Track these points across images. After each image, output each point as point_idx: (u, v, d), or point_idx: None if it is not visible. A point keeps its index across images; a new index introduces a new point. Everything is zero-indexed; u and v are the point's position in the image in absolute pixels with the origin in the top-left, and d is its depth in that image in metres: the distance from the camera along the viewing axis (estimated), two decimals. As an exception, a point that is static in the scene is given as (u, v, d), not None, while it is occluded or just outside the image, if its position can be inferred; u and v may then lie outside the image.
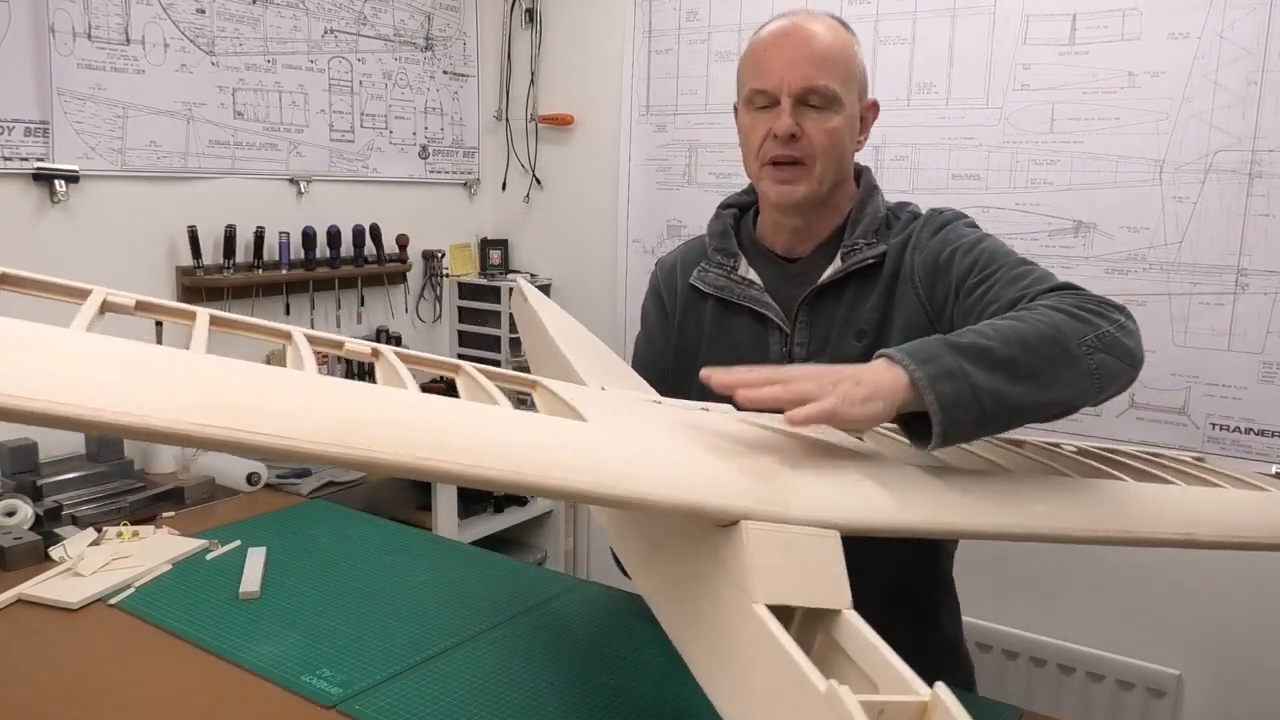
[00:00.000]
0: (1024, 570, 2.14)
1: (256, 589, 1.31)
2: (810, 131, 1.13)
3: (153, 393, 0.59)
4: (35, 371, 0.58)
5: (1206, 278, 1.89)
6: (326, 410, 0.65)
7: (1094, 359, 0.92)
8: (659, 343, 1.34)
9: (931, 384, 0.83)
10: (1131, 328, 0.98)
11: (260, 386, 0.65)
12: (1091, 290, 1.00)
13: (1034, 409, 0.89)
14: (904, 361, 0.84)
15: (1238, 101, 1.83)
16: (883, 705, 0.62)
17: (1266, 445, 1.87)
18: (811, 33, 1.13)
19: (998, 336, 0.88)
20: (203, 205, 2.20)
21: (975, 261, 1.10)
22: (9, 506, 1.52)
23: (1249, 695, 1.94)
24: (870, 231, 1.19)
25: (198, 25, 2.15)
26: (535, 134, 2.89)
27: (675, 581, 0.83)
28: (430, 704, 1.03)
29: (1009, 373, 0.86)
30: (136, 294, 0.83)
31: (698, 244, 1.34)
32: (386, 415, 0.68)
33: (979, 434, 0.89)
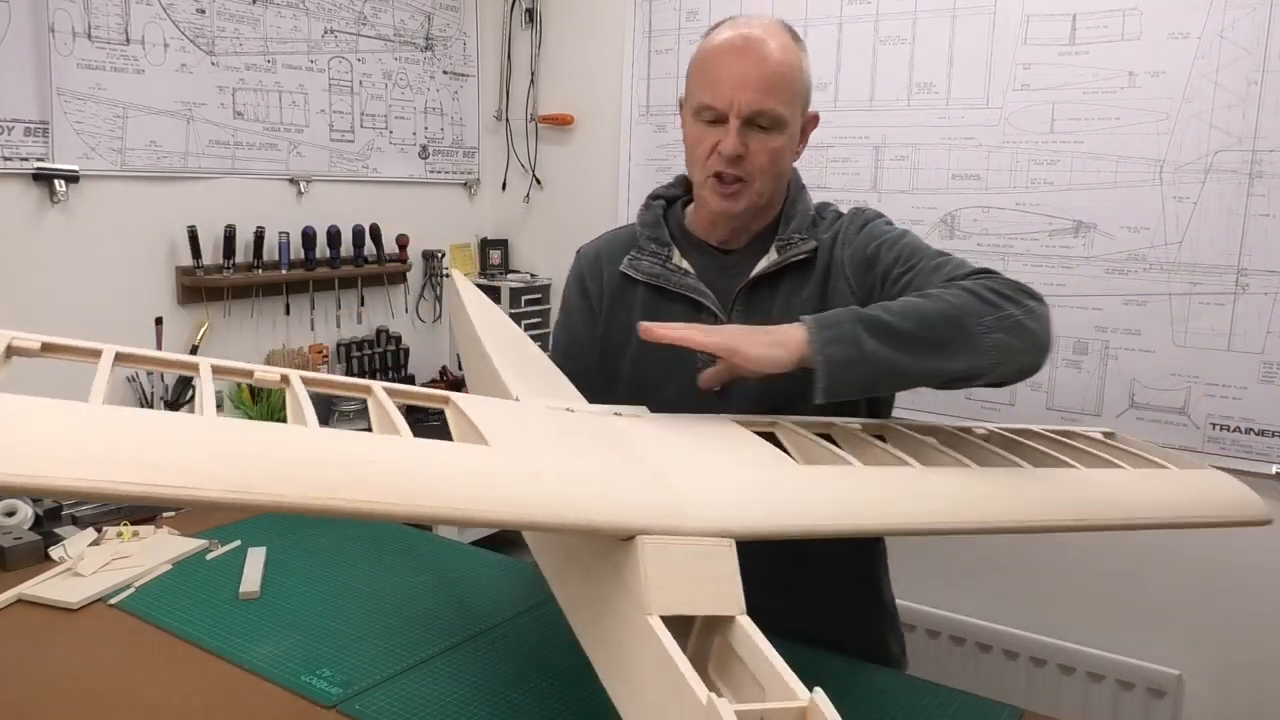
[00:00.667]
0: (1025, 571, 2.14)
1: (256, 589, 1.31)
2: (754, 151, 1.19)
3: (50, 451, 0.61)
4: None
5: (1206, 278, 1.89)
6: (222, 456, 0.67)
7: (990, 338, 1.01)
8: (581, 332, 1.36)
9: (823, 346, 0.98)
10: (1040, 313, 1.06)
11: (155, 437, 0.66)
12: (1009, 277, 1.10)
13: (919, 375, 1.02)
14: (810, 325, 0.99)
15: (1238, 101, 1.83)
16: (762, 714, 0.66)
17: (1266, 445, 1.87)
18: (765, 54, 1.17)
19: (899, 311, 1.02)
20: (203, 205, 2.20)
21: (899, 255, 1.20)
22: (9, 506, 1.52)
23: (1249, 695, 1.94)
24: (803, 227, 1.27)
25: (198, 25, 2.15)
26: (535, 134, 2.89)
27: (582, 592, 0.86)
28: (430, 704, 1.03)
29: (901, 343, 0.99)
30: (41, 336, 0.83)
31: (621, 233, 1.38)
32: (284, 456, 0.70)
33: (864, 392, 1.02)
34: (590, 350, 1.34)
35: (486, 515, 0.73)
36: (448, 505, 0.72)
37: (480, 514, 0.73)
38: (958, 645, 2.21)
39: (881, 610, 1.37)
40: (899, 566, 2.31)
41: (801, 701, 0.67)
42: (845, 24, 2.27)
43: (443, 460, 0.78)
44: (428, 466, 0.76)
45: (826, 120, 2.31)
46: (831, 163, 2.31)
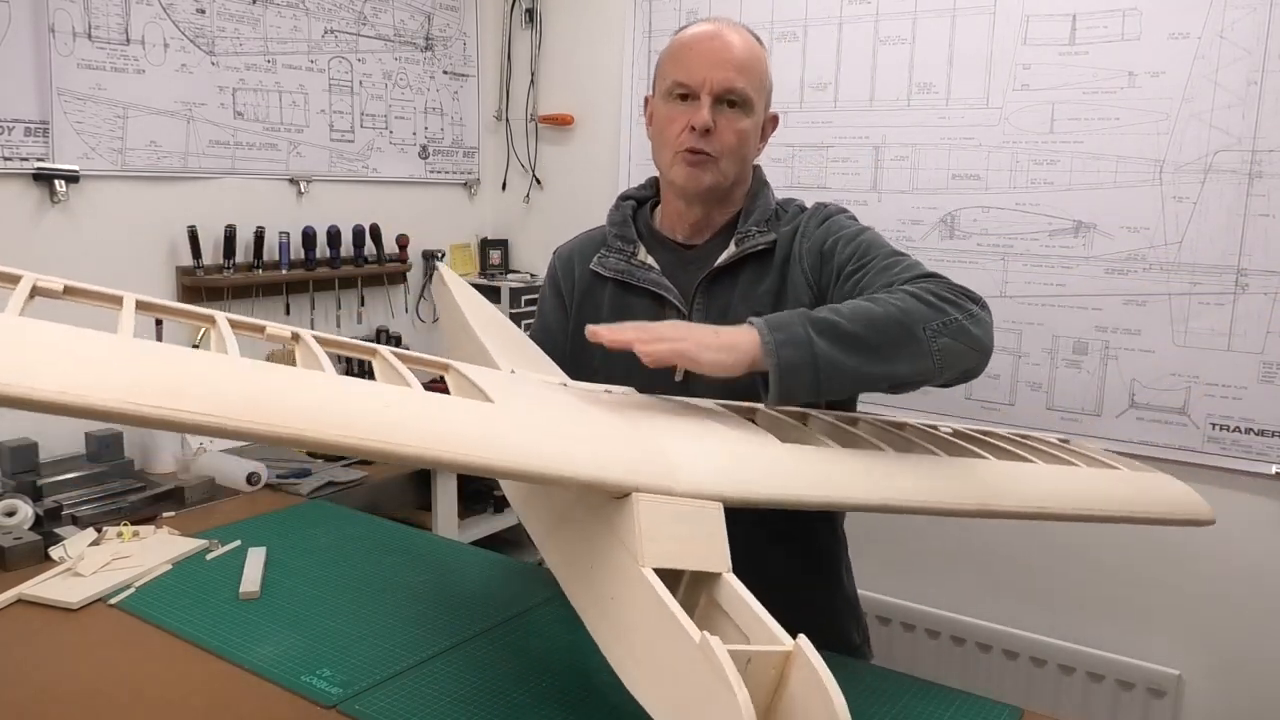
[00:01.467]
0: (1025, 571, 2.15)
1: (256, 589, 1.31)
2: (723, 129, 1.23)
3: (90, 374, 0.63)
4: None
5: (1206, 278, 1.89)
6: (249, 390, 0.70)
7: (937, 342, 1.03)
8: (555, 331, 1.40)
9: (777, 348, 0.97)
10: (983, 318, 1.08)
11: (186, 369, 0.69)
12: (954, 280, 1.12)
13: (870, 379, 1.03)
14: (760, 327, 0.99)
15: (1238, 101, 1.83)
16: (750, 654, 0.70)
17: (1266, 445, 1.87)
18: (732, 41, 1.24)
19: (850, 314, 1.02)
20: (203, 205, 2.20)
21: (854, 252, 1.22)
22: (9, 506, 1.52)
23: (1249, 695, 1.94)
24: (762, 221, 1.29)
25: (198, 25, 2.15)
26: (535, 134, 2.89)
27: (576, 551, 0.90)
28: (430, 704, 1.03)
29: (850, 346, 1.00)
30: (64, 279, 0.88)
31: (595, 234, 1.42)
32: (305, 396, 0.73)
33: (816, 396, 1.01)
34: (563, 347, 1.38)
35: (493, 463, 0.76)
36: (459, 451, 0.75)
37: (487, 461, 0.76)
38: (958, 645, 2.21)
39: (842, 601, 1.39)
40: (898, 567, 2.32)
41: (786, 646, 0.71)
42: (845, 24, 2.27)
43: (453, 410, 0.82)
44: (440, 414, 0.80)
45: (826, 120, 2.32)
46: (831, 163, 2.31)
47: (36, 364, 0.62)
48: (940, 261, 2.15)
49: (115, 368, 0.66)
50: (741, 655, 0.69)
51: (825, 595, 1.36)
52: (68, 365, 0.64)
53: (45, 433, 1.87)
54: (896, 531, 2.23)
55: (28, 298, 0.81)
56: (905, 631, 2.27)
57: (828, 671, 0.69)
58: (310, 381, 0.76)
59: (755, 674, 0.70)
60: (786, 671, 0.71)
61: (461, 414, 0.81)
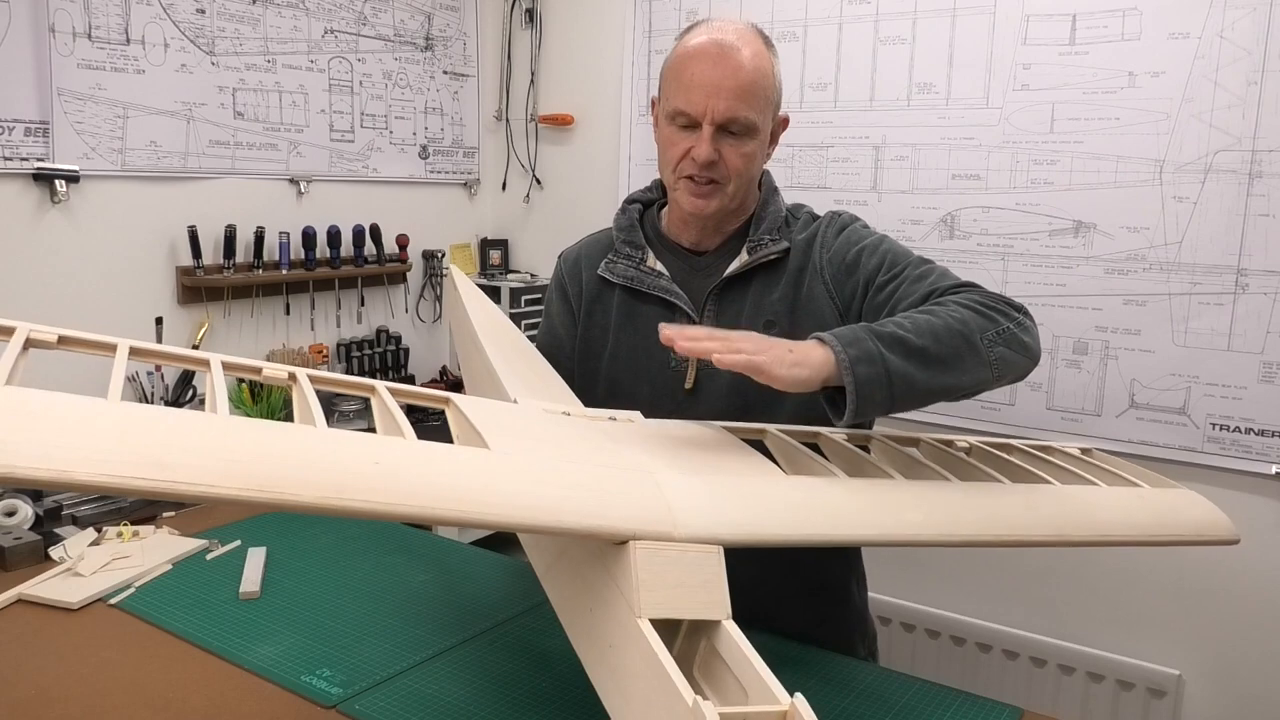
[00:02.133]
0: (1024, 571, 2.15)
1: (256, 589, 1.31)
2: (727, 156, 1.21)
3: (71, 447, 0.65)
4: None
5: (1206, 278, 1.89)
6: (236, 455, 0.70)
7: (995, 351, 1.04)
8: (561, 335, 1.39)
9: (852, 365, 0.96)
10: (1029, 325, 1.10)
11: (172, 436, 0.70)
12: (988, 288, 1.13)
13: (939, 392, 1.03)
14: (833, 343, 0.97)
15: (1238, 101, 1.83)
16: (745, 715, 0.69)
17: (1266, 445, 1.87)
18: (739, 63, 1.18)
19: (914, 328, 1.02)
20: (203, 205, 2.20)
21: (882, 262, 1.21)
22: (9, 506, 1.52)
23: (1249, 695, 1.94)
24: (774, 229, 1.28)
25: (198, 25, 2.15)
26: (535, 134, 2.89)
27: (573, 592, 0.90)
28: (430, 704, 1.03)
29: (920, 360, 1.00)
30: (58, 329, 0.85)
31: (601, 237, 1.40)
32: (295, 458, 0.74)
33: (888, 411, 1.01)
34: (570, 352, 1.37)
35: (488, 518, 0.76)
36: (451, 507, 0.75)
37: (482, 516, 0.76)
38: (958, 645, 2.21)
39: (850, 612, 1.38)
40: (899, 566, 2.31)
41: (783, 705, 0.69)
42: (845, 24, 2.27)
43: (445, 463, 0.81)
44: (431, 469, 0.79)
45: (826, 120, 2.32)
46: (831, 163, 2.31)
47: (18, 439, 0.64)
48: (940, 262, 2.14)
49: (99, 439, 0.67)
50: (735, 717, 0.68)
51: (833, 608, 1.35)
52: (50, 438, 0.65)
53: (45, 433, 1.87)
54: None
55: (20, 352, 0.81)
56: (906, 632, 2.27)
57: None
58: (301, 441, 0.76)
59: None
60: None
61: (456, 467, 0.81)
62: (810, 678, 1.11)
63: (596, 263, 1.36)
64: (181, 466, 0.66)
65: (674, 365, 1.27)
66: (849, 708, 1.05)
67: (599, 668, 0.83)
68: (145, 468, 0.65)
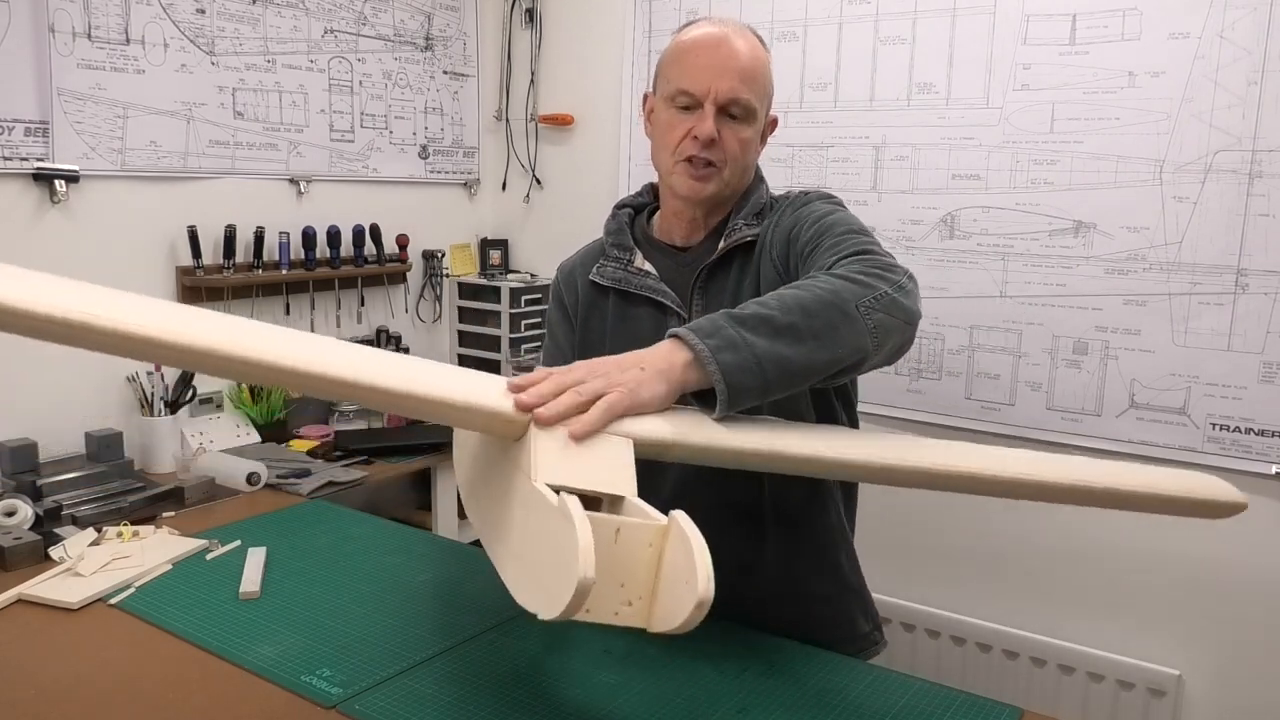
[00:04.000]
0: (1025, 571, 2.15)
1: (256, 589, 1.31)
2: (726, 138, 1.22)
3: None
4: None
5: (1206, 278, 1.89)
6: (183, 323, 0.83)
7: (871, 318, 1.00)
8: (564, 347, 1.39)
9: (714, 355, 0.92)
10: (910, 288, 1.06)
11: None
12: (887, 260, 1.10)
13: (818, 368, 0.98)
14: (688, 338, 0.94)
15: (1238, 101, 1.83)
16: (618, 524, 0.72)
17: (1266, 445, 1.87)
18: (739, 49, 1.22)
19: (779, 305, 0.98)
20: (203, 205, 2.20)
21: (815, 233, 1.19)
22: (9, 506, 1.52)
23: (1249, 695, 1.94)
24: (752, 215, 1.28)
25: (198, 25, 2.15)
26: (535, 134, 2.89)
27: (489, 498, 0.95)
28: (430, 704, 1.03)
29: (790, 337, 0.95)
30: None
31: (595, 246, 1.41)
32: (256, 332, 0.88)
33: (765, 396, 0.96)
34: (571, 361, 1.36)
35: (395, 387, 0.86)
36: (375, 380, 0.85)
37: (393, 386, 0.86)
38: (958, 645, 2.21)
39: (846, 590, 1.38)
40: (899, 567, 2.31)
41: (661, 521, 0.74)
42: (845, 24, 2.27)
43: (375, 353, 0.95)
44: (366, 354, 0.93)
45: (826, 120, 2.32)
46: (831, 163, 2.31)
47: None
48: (940, 262, 2.15)
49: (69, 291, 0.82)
50: (609, 524, 0.72)
51: (827, 584, 1.35)
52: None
53: (45, 433, 1.87)
54: (897, 532, 2.22)
55: None
56: (906, 632, 2.27)
57: (697, 533, 0.71)
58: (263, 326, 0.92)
59: (627, 547, 0.72)
60: (663, 547, 0.73)
61: (381, 356, 0.92)
62: (810, 679, 1.11)
63: (590, 270, 1.37)
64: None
65: None
66: (849, 708, 1.05)
67: (498, 546, 0.88)
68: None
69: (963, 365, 2.16)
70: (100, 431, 1.91)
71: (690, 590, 0.68)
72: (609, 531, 0.71)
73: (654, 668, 1.11)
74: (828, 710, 1.04)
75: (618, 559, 0.72)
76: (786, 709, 1.04)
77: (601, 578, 0.68)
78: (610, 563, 0.71)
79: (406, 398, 0.86)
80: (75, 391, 1.98)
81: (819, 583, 1.34)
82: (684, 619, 0.69)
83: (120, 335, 0.76)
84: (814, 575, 1.34)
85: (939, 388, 2.19)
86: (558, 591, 0.69)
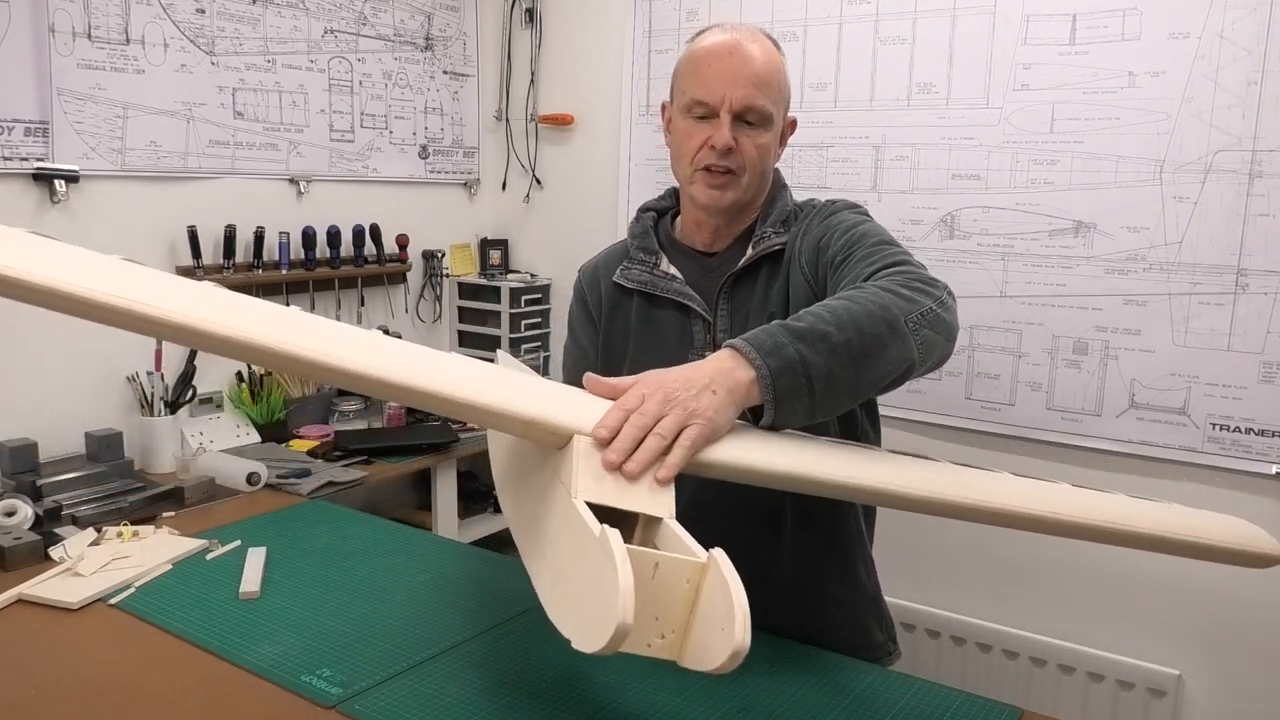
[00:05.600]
0: (1025, 571, 2.14)
1: (256, 589, 1.31)
2: (744, 146, 1.22)
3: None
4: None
5: (1206, 278, 1.89)
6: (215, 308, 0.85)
7: (919, 335, 1.00)
8: (586, 346, 1.40)
9: (774, 379, 0.92)
10: (951, 304, 1.07)
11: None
12: (923, 270, 1.10)
13: (865, 386, 0.99)
14: (752, 357, 0.93)
15: (1238, 101, 1.83)
16: (657, 559, 0.71)
17: (1266, 445, 1.87)
18: (753, 55, 1.22)
19: (834, 320, 0.97)
20: (203, 205, 2.20)
21: (846, 243, 1.20)
22: (9, 506, 1.52)
23: (1249, 695, 1.94)
24: (778, 222, 1.29)
25: (198, 25, 2.15)
26: (535, 134, 2.89)
27: (525, 495, 0.95)
28: (430, 704, 1.03)
29: (845, 356, 0.95)
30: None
31: (618, 248, 1.42)
32: (279, 318, 0.88)
33: (810, 419, 0.97)
34: (594, 361, 1.38)
35: (448, 393, 0.86)
36: (413, 381, 0.84)
37: (440, 391, 0.85)
38: (958, 645, 2.21)
39: (862, 596, 1.37)
40: (899, 567, 2.31)
41: (700, 558, 0.72)
42: (845, 24, 2.27)
43: (415, 350, 0.93)
44: (404, 352, 0.92)
45: (826, 120, 2.32)
46: (831, 163, 2.31)
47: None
48: (940, 261, 2.15)
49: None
50: (648, 558, 0.71)
51: (844, 591, 1.35)
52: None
53: (45, 433, 1.87)
54: (897, 533, 2.22)
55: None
56: (906, 632, 2.27)
57: (736, 578, 0.69)
58: (289, 311, 0.92)
59: (665, 582, 0.71)
60: (701, 583, 0.71)
61: (421, 357, 0.90)
62: (811, 678, 1.11)
63: (613, 271, 1.37)
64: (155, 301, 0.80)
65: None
66: (849, 708, 1.05)
67: (537, 562, 0.87)
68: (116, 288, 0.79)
69: (963, 365, 2.16)
70: (100, 431, 1.91)
71: (727, 638, 0.67)
72: (648, 565, 0.70)
73: (654, 667, 1.10)
74: (828, 710, 1.04)
75: (655, 593, 0.71)
76: (787, 709, 1.04)
77: (637, 611, 0.67)
78: (647, 596, 0.70)
79: (444, 400, 0.85)
80: (75, 391, 1.98)
81: (836, 589, 1.33)
82: (718, 665, 0.68)
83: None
84: (832, 581, 1.33)
85: (939, 388, 2.19)
86: (595, 629, 0.68)
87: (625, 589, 0.65)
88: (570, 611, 0.76)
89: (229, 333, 0.79)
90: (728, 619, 0.68)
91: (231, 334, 0.79)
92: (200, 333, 0.78)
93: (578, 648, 0.72)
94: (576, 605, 0.75)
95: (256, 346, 0.80)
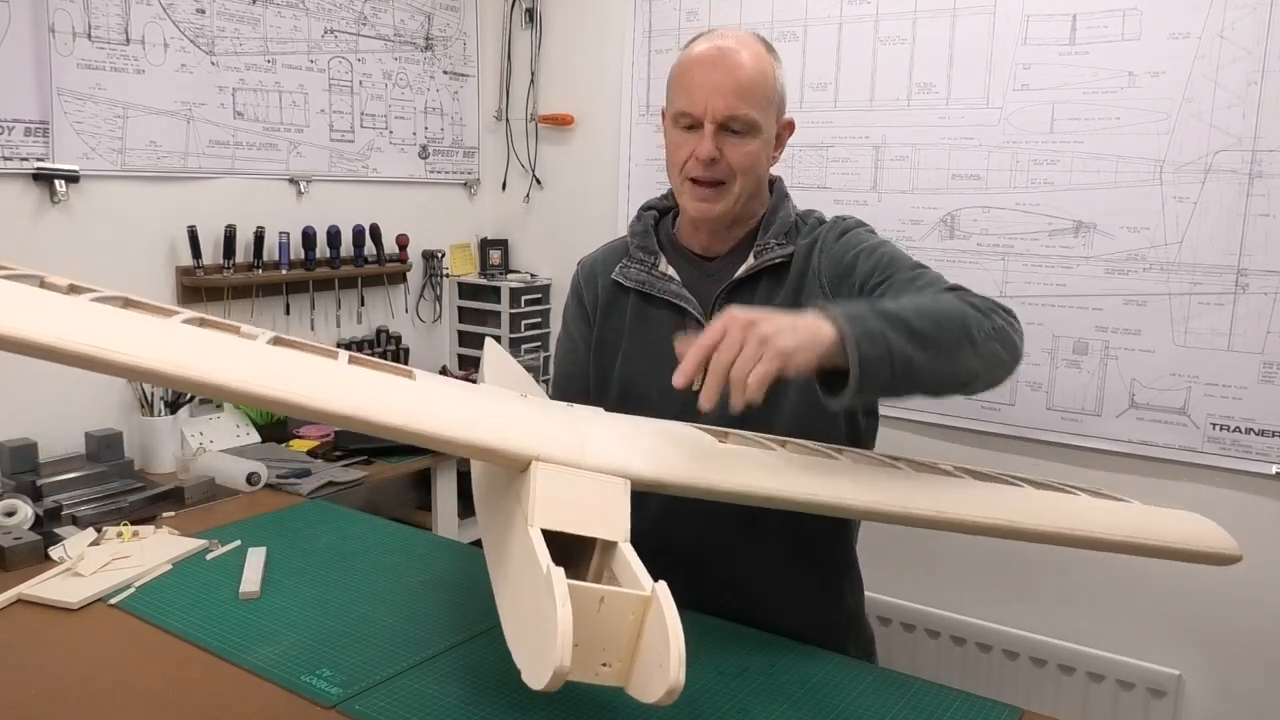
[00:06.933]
0: (1024, 571, 2.14)
1: (256, 589, 1.31)
2: (730, 155, 1.22)
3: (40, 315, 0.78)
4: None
5: (1206, 278, 1.89)
6: (189, 348, 0.84)
7: (989, 346, 1.02)
8: (578, 341, 1.41)
9: (859, 344, 0.92)
10: (1019, 327, 1.09)
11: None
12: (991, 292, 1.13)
13: (932, 379, 0.99)
14: (839, 320, 0.94)
15: (1238, 101, 1.83)
16: (602, 594, 0.73)
17: (1266, 445, 1.87)
18: (738, 63, 1.21)
19: (914, 310, 0.99)
20: (203, 205, 2.20)
21: (877, 264, 1.21)
22: (9, 506, 1.52)
23: (1249, 695, 1.94)
24: (781, 233, 1.29)
25: (198, 25, 2.15)
26: (535, 134, 2.89)
27: (494, 516, 0.96)
28: (430, 704, 1.03)
29: (920, 342, 0.96)
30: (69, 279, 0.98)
31: (618, 244, 1.42)
32: (242, 355, 0.87)
33: (885, 395, 0.99)
34: (586, 356, 1.39)
35: (391, 422, 0.84)
36: (370, 411, 0.84)
37: (386, 420, 0.84)
38: (958, 645, 2.21)
39: (842, 615, 1.37)
40: (899, 567, 2.31)
41: (645, 591, 0.74)
42: (845, 24, 2.27)
43: (366, 376, 0.93)
44: (348, 375, 0.91)
45: (826, 120, 2.32)
46: (831, 163, 2.31)
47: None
48: (940, 261, 2.15)
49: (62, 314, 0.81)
50: (594, 593, 0.72)
51: (824, 606, 1.34)
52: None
53: (45, 433, 1.87)
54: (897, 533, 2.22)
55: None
56: (905, 632, 2.27)
57: (675, 616, 0.71)
58: (247, 347, 0.89)
59: (610, 616, 0.73)
60: (645, 616, 0.73)
61: (380, 384, 0.91)
62: (811, 678, 1.11)
63: (612, 268, 1.38)
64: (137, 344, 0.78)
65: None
66: (849, 708, 1.05)
67: (501, 584, 0.88)
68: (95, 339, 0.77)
69: (963, 365, 2.16)
70: (100, 431, 1.91)
71: (663, 674, 0.69)
72: (593, 600, 0.72)
73: (654, 668, 1.11)
74: (828, 710, 1.04)
75: (600, 626, 0.73)
76: (787, 709, 1.04)
77: (583, 642, 0.70)
78: (592, 630, 0.72)
79: (401, 431, 0.85)
80: (75, 391, 1.98)
81: (816, 602, 1.33)
82: (655, 699, 0.70)
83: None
84: (812, 593, 1.33)
85: (939, 388, 2.18)
86: (538, 667, 0.71)
87: (564, 633, 0.67)
88: (523, 645, 0.79)
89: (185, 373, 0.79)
90: (664, 656, 0.70)
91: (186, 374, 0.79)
92: (165, 376, 0.79)
93: (525, 682, 0.75)
94: (527, 639, 0.77)
95: (207, 384, 0.80)
